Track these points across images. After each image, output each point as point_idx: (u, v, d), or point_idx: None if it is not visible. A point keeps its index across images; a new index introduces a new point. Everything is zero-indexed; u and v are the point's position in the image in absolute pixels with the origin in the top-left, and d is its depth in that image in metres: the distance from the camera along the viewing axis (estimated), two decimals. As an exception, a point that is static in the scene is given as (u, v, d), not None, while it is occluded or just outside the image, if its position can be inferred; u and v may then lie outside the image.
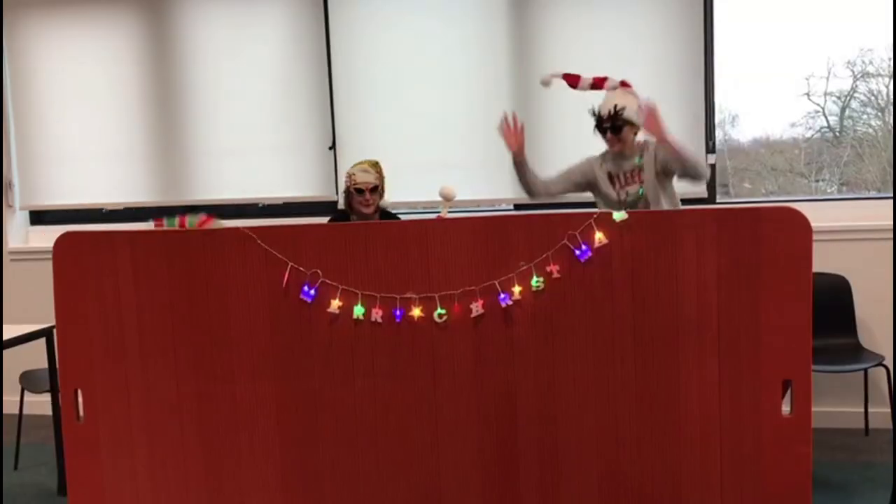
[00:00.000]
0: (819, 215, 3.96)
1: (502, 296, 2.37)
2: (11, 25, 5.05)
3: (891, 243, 4.09)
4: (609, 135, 3.40)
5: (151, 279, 2.49)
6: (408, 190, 4.47)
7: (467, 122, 4.59)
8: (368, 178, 3.71)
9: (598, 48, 4.45)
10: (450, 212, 3.09)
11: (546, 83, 3.44)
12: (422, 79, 4.64)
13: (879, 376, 4.18)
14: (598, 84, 3.41)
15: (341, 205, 3.89)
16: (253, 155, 4.84)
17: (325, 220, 4.65)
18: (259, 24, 4.78)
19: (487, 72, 4.57)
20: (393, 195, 4.55)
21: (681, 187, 3.80)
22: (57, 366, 2.68)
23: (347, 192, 3.76)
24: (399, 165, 4.43)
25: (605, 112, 3.38)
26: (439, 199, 3.24)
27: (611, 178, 3.48)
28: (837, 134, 4.81)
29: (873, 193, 4.63)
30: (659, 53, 4.39)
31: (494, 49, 4.56)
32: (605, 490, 2.40)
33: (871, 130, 4.78)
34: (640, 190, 3.37)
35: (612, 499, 2.40)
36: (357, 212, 3.74)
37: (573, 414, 2.39)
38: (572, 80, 3.40)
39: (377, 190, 3.74)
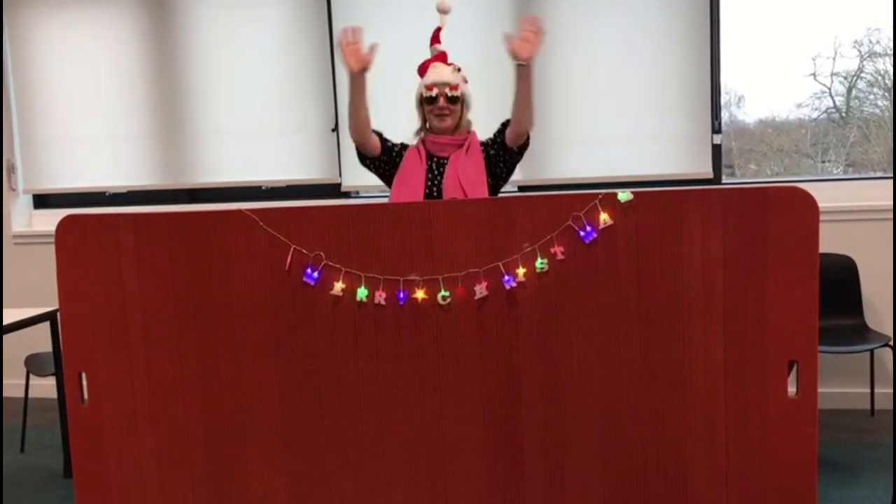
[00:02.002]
0: (825, 196, 3.92)
1: (506, 278, 2.36)
2: (13, 7, 5.03)
3: (897, 224, 4.06)
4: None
5: (154, 262, 2.49)
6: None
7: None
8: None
9: (602, 26, 4.42)
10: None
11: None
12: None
13: (886, 357, 4.18)
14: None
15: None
16: (256, 137, 4.83)
17: (328, 202, 4.65)
18: (261, 6, 4.75)
19: (491, 53, 4.54)
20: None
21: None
22: (61, 349, 2.68)
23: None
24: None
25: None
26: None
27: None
28: (844, 114, 4.78)
29: (879, 174, 4.61)
30: (665, 32, 4.37)
31: (498, 29, 4.52)
32: (609, 470, 2.40)
33: (877, 111, 4.75)
34: None
35: (617, 480, 2.40)
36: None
37: (577, 395, 2.39)
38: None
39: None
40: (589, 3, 4.41)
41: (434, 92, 3.11)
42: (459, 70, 3.17)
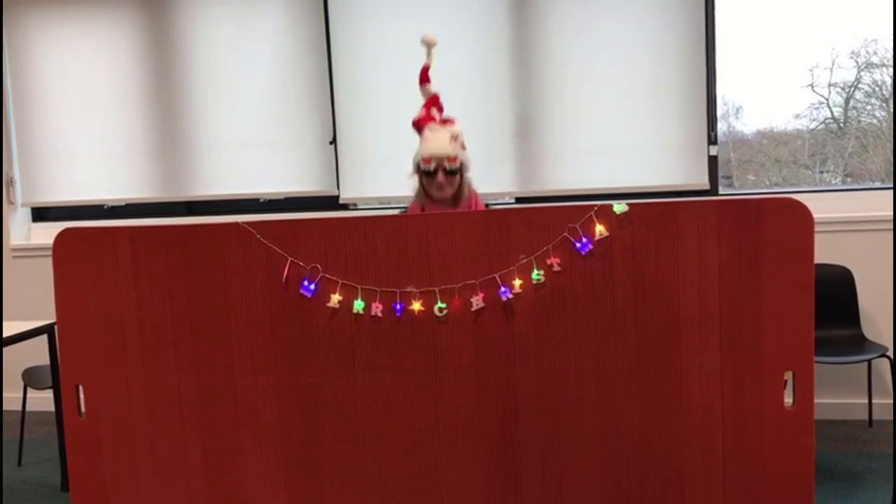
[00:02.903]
0: (823, 206, 3.94)
1: (503, 289, 2.36)
2: (11, 21, 5.05)
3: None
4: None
5: (152, 275, 2.49)
6: (408, 185, 4.45)
7: (468, 117, 4.56)
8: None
9: (599, 39, 4.43)
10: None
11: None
12: (423, 72, 4.63)
13: (883, 367, 4.17)
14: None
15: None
16: (254, 150, 4.84)
17: (326, 214, 4.65)
18: (259, 19, 4.77)
19: (489, 66, 4.56)
20: (394, 190, 4.54)
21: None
22: (59, 362, 2.68)
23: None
24: (399, 160, 4.41)
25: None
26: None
27: None
28: (841, 125, 4.79)
29: (878, 184, 4.62)
30: (660, 44, 4.38)
31: (496, 43, 4.54)
32: (607, 482, 2.40)
33: (875, 121, 4.76)
34: None
35: (615, 491, 2.40)
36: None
37: (574, 406, 2.38)
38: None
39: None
40: (584, 15, 4.42)
41: (432, 165, 3.04)
42: (457, 138, 3.09)
